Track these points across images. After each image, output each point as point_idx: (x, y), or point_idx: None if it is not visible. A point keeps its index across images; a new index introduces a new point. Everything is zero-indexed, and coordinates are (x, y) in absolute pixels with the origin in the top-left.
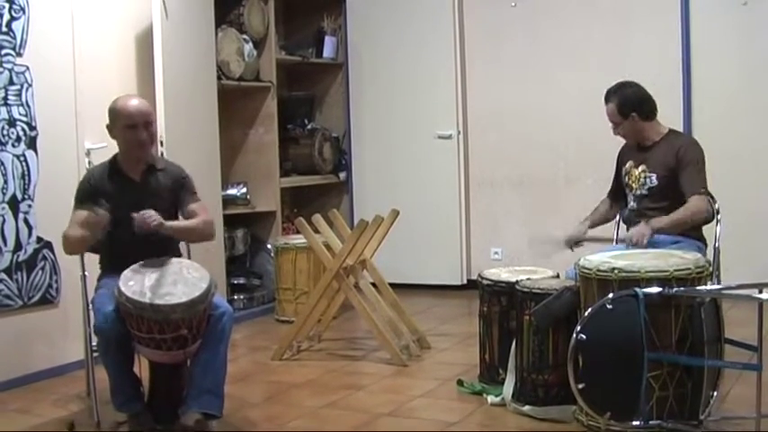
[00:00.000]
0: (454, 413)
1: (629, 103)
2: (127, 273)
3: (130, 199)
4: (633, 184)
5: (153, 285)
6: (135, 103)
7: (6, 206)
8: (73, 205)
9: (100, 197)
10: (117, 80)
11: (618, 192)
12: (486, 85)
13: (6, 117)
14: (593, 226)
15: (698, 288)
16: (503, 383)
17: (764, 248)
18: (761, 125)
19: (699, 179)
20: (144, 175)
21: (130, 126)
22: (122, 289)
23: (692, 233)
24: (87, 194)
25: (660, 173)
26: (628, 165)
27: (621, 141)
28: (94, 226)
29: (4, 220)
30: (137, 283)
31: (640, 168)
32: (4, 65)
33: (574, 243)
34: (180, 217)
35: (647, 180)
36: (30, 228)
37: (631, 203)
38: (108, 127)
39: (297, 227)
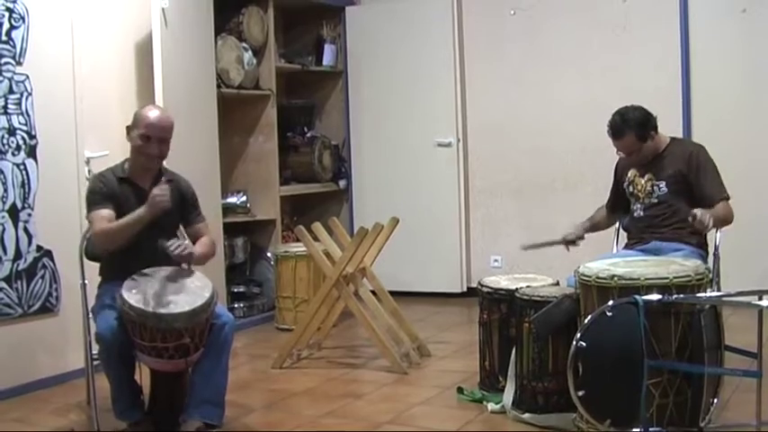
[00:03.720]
0: (454, 421)
1: (645, 125)
2: (129, 281)
3: (138, 205)
4: (639, 194)
5: (156, 294)
6: (157, 115)
7: (6, 215)
8: (88, 208)
9: (112, 199)
10: (117, 89)
11: (616, 203)
12: (485, 93)
13: (6, 126)
14: (589, 230)
15: (698, 295)
16: (503, 391)
17: (764, 256)
18: (761, 132)
19: (721, 184)
20: (153, 185)
21: (144, 136)
22: (125, 297)
23: (693, 241)
24: (103, 193)
25: (670, 180)
26: (630, 174)
27: None
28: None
29: (3, 229)
30: (140, 292)
31: (646, 177)
32: (4, 74)
33: (570, 241)
34: (182, 231)
35: (655, 188)
36: (29, 236)
37: (638, 212)
38: (127, 128)
39: (297, 235)
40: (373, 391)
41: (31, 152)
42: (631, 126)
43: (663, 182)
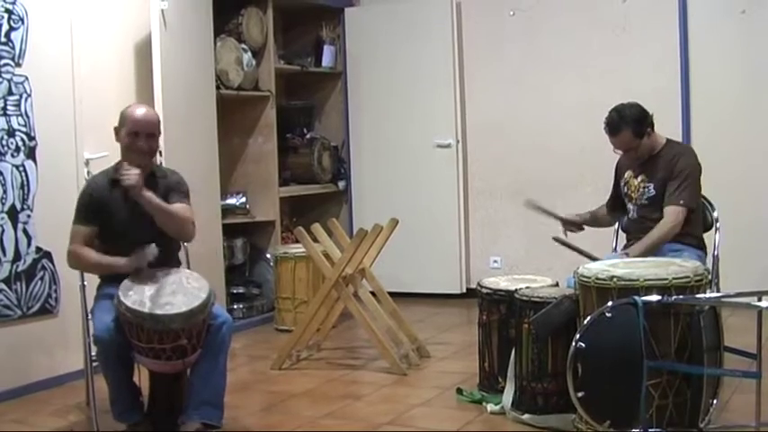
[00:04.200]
0: (454, 422)
1: (642, 122)
2: (126, 282)
3: (131, 208)
4: (633, 194)
5: (153, 295)
6: (143, 111)
7: (5, 216)
8: (73, 218)
9: (101, 208)
10: (116, 90)
11: (616, 203)
12: (484, 94)
13: (5, 127)
14: (589, 222)
15: (697, 296)
16: (502, 392)
17: (763, 256)
18: (760, 133)
19: (682, 190)
20: (145, 184)
21: (132, 133)
22: (122, 299)
23: (692, 242)
24: (89, 207)
25: (658, 182)
26: (627, 175)
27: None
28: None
29: (3, 231)
30: (136, 293)
31: (639, 178)
32: (3, 75)
33: (569, 222)
34: None
35: (646, 190)
36: (29, 238)
37: (632, 213)
38: (115, 129)
39: (296, 236)
40: (373, 392)
41: (31, 153)
42: (628, 122)
43: (652, 183)
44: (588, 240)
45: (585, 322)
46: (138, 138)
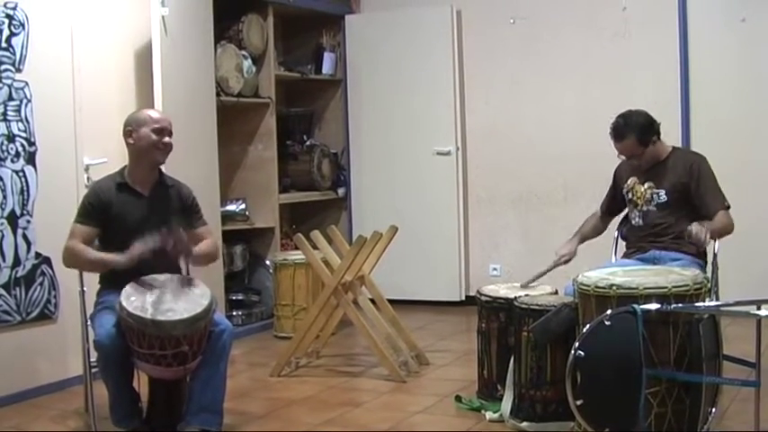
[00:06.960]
0: (452, 429)
1: (648, 130)
2: (128, 288)
3: (139, 213)
4: (638, 201)
5: (155, 301)
6: (158, 111)
7: (5, 222)
8: (75, 218)
9: (107, 210)
10: (116, 96)
11: (612, 207)
12: (484, 102)
13: (5, 133)
14: (582, 241)
15: (696, 305)
16: (501, 400)
17: (762, 265)
18: (760, 141)
19: (721, 194)
20: (153, 191)
21: (158, 130)
22: (124, 304)
23: (692, 250)
24: (94, 207)
25: (670, 189)
26: (630, 181)
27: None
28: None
29: (2, 236)
30: (138, 299)
31: (646, 185)
32: (4, 80)
33: (564, 261)
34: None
35: (655, 196)
36: (28, 243)
37: (636, 220)
38: (128, 132)
39: (295, 243)
40: (372, 399)
41: (31, 159)
42: (633, 129)
43: (662, 190)
44: (588, 250)
45: (585, 330)
46: (164, 134)
